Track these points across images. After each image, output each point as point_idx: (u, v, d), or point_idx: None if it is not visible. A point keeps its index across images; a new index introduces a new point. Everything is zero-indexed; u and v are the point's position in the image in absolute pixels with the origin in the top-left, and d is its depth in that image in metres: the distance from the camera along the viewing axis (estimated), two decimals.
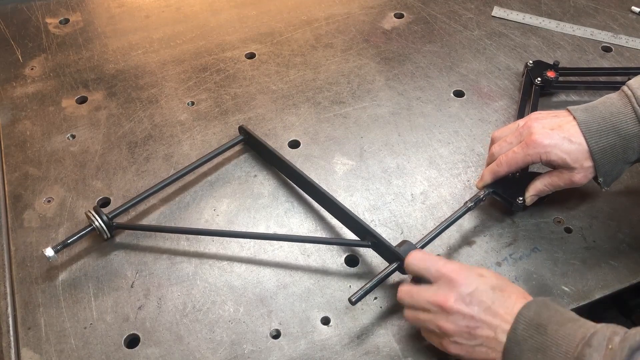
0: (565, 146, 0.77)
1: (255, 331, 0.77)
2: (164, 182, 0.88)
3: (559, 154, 0.78)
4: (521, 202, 0.84)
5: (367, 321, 0.78)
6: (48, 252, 0.79)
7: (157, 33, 1.15)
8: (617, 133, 0.76)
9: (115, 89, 1.05)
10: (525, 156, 0.79)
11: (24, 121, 1.00)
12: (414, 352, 0.75)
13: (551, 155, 0.78)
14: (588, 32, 1.14)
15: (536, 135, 0.78)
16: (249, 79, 1.07)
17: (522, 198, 0.84)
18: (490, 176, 0.84)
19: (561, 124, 0.79)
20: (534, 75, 1.01)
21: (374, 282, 0.76)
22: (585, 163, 0.78)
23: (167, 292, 0.81)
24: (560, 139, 0.78)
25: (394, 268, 0.77)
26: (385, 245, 0.79)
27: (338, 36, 1.14)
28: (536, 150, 0.78)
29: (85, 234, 0.83)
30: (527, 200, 0.84)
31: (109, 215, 0.83)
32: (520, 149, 0.80)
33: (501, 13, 1.18)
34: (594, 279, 0.82)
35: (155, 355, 0.75)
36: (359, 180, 0.93)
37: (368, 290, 0.76)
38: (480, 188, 0.85)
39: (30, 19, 1.18)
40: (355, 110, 1.02)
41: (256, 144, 0.95)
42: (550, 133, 0.78)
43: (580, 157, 0.78)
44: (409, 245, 0.78)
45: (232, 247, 0.85)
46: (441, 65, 1.09)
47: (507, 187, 0.85)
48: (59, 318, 0.78)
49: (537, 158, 0.79)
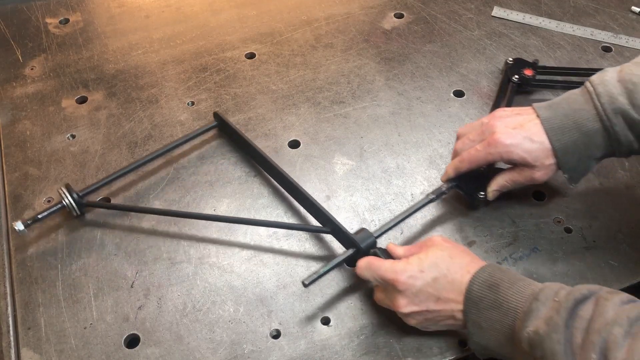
0: (526, 145, 0.78)
1: (255, 331, 0.77)
2: (138, 162, 0.91)
3: (519, 153, 0.78)
4: (482, 197, 0.85)
5: (367, 321, 0.78)
6: (18, 225, 0.81)
7: (157, 33, 1.15)
8: (579, 130, 0.76)
9: (115, 89, 1.05)
10: (486, 155, 0.80)
11: (24, 121, 1.00)
12: (414, 352, 0.75)
13: (512, 155, 0.79)
14: (588, 32, 1.14)
15: (498, 134, 0.79)
16: (249, 79, 1.07)
17: (483, 193, 0.85)
18: (452, 171, 0.85)
19: (523, 123, 0.79)
20: (512, 73, 1.02)
21: (329, 266, 0.77)
22: (546, 161, 0.79)
23: (167, 292, 0.81)
24: (522, 138, 0.78)
25: (349, 254, 0.79)
26: (343, 232, 0.81)
27: (338, 36, 1.14)
28: (497, 150, 0.79)
29: (56, 210, 0.85)
30: (489, 195, 0.85)
31: (79, 193, 0.85)
32: (482, 147, 0.80)
33: (501, 13, 1.18)
34: (594, 279, 0.82)
35: (155, 355, 0.75)
36: (359, 180, 0.93)
37: (322, 275, 0.77)
38: (443, 181, 0.87)
39: (30, 19, 1.18)
40: (355, 110, 1.02)
41: (230, 131, 0.96)
42: (512, 132, 0.79)
43: (541, 155, 0.78)
44: (366, 232, 0.80)
45: (233, 248, 0.85)
46: (441, 65, 1.09)
47: (470, 182, 0.86)
48: (59, 318, 0.78)
49: (499, 157, 0.80)
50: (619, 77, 0.76)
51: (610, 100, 0.74)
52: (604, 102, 0.75)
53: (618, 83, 0.75)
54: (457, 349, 0.76)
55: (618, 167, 0.94)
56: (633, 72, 0.74)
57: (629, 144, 0.76)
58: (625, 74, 0.75)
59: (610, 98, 0.75)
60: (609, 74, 0.77)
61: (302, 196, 0.86)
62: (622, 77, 0.75)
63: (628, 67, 0.76)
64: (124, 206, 0.90)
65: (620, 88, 0.74)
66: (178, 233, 0.87)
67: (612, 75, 0.76)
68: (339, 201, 0.90)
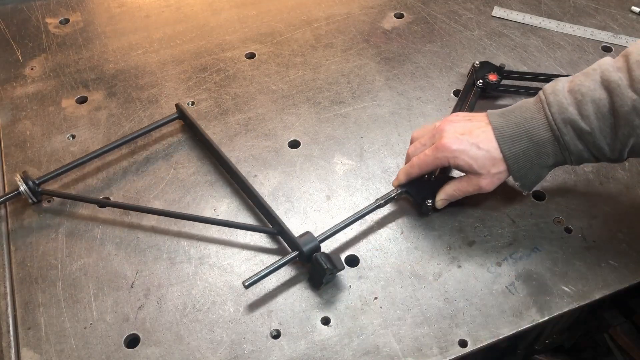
0: (472, 152, 0.78)
1: (255, 331, 0.77)
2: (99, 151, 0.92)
3: (465, 159, 0.79)
4: (430, 205, 0.85)
5: (367, 321, 0.78)
6: None
7: (157, 33, 1.15)
8: (529, 139, 0.77)
9: (115, 89, 1.05)
10: (434, 159, 0.81)
11: (24, 121, 1.00)
12: (414, 352, 0.76)
13: (458, 160, 0.79)
14: (588, 32, 1.14)
15: (445, 139, 0.80)
16: (249, 79, 1.07)
17: (431, 201, 0.86)
18: (404, 177, 0.86)
19: (472, 129, 0.80)
20: (477, 77, 1.01)
21: (271, 268, 0.78)
22: (492, 169, 0.79)
23: (167, 292, 0.81)
24: (469, 145, 0.79)
25: (292, 257, 0.80)
26: (287, 234, 0.81)
27: (338, 36, 1.14)
28: (444, 155, 0.80)
29: (12, 197, 0.87)
30: (437, 204, 0.86)
31: (35, 181, 0.87)
32: (431, 152, 0.81)
33: (501, 13, 1.18)
34: (594, 279, 0.82)
35: (155, 355, 0.75)
36: (359, 180, 0.93)
37: (262, 276, 0.78)
38: (395, 187, 0.87)
39: (30, 19, 1.18)
40: (355, 110, 1.02)
41: (189, 124, 0.97)
42: (460, 138, 0.79)
43: (487, 163, 0.79)
44: (310, 236, 0.80)
45: (233, 248, 0.85)
46: (441, 65, 1.09)
47: (420, 189, 0.87)
48: (59, 318, 0.78)
49: (446, 162, 0.80)
50: (569, 87, 0.76)
51: (560, 110, 0.75)
52: (554, 112, 0.75)
53: (568, 93, 0.75)
54: (457, 349, 0.76)
55: (618, 167, 0.94)
56: (582, 82, 0.74)
57: (579, 152, 0.76)
58: (575, 84, 0.75)
59: (560, 108, 0.75)
60: (561, 84, 0.77)
61: (251, 194, 0.87)
62: (572, 87, 0.75)
63: (578, 78, 0.76)
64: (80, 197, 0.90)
65: (570, 98, 0.75)
66: (178, 233, 0.87)
67: (564, 85, 0.77)
68: (339, 201, 0.90)
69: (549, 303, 0.80)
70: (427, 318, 0.78)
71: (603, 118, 0.73)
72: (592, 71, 0.75)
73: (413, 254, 0.84)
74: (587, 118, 0.74)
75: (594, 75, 0.74)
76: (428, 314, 0.79)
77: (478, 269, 0.83)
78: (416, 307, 0.79)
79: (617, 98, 0.71)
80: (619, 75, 0.72)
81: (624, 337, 0.97)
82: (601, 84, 0.73)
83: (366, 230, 0.87)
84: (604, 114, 0.73)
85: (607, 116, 0.73)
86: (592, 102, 0.73)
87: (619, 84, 0.71)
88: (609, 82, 0.72)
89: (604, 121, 0.73)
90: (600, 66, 0.75)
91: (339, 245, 0.86)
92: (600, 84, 0.73)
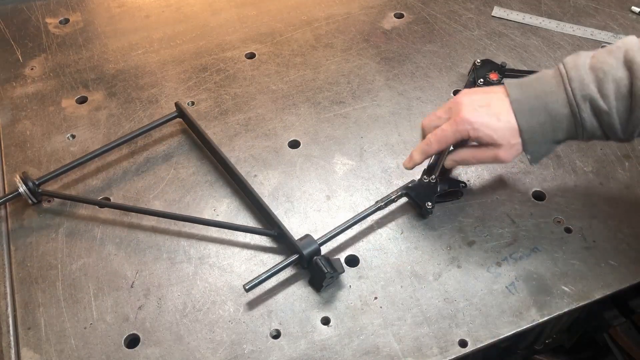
0: (493, 123, 0.77)
1: (255, 331, 0.77)
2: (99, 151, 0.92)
3: (486, 131, 0.78)
4: (430, 207, 0.85)
5: (367, 321, 0.78)
6: None
7: (157, 33, 1.15)
8: (547, 113, 0.76)
9: (115, 89, 1.05)
10: (454, 133, 0.79)
11: (24, 121, 1.00)
12: (414, 352, 0.75)
13: (479, 133, 0.78)
14: (588, 32, 1.14)
15: (464, 112, 0.78)
16: (249, 79, 1.07)
17: (431, 203, 0.85)
18: (420, 156, 0.83)
19: (490, 102, 0.79)
20: (478, 75, 1.01)
21: (271, 272, 0.78)
22: (512, 140, 0.78)
23: (167, 292, 0.81)
24: (488, 117, 0.77)
25: (292, 260, 0.79)
26: (287, 237, 0.81)
27: (338, 36, 1.14)
28: (464, 127, 0.78)
29: (12, 197, 0.87)
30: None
31: (35, 181, 0.87)
32: (449, 126, 0.80)
33: (501, 13, 1.18)
34: (594, 279, 0.82)
35: (155, 355, 0.75)
36: (359, 180, 0.93)
37: (263, 280, 0.78)
38: (410, 168, 0.85)
39: (30, 19, 1.18)
40: (355, 110, 1.02)
41: (189, 123, 0.97)
42: (479, 110, 0.78)
43: (508, 134, 0.77)
44: (309, 240, 0.80)
45: (233, 248, 0.85)
46: (441, 65, 1.09)
47: (420, 192, 0.87)
48: (59, 318, 0.78)
49: (466, 134, 0.79)
50: (591, 63, 0.75)
51: (581, 86, 0.74)
52: (574, 88, 0.74)
53: (589, 70, 0.74)
54: (457, 349, 0.76)
55: (618, 167, 0.94)
56: (605, 60, 0.73)
57: (593, 130, 0.76)
58: (597, 61, 0.74)
59: (581, 84, 0.74)
60: (582, 58, 0.76)
61: (251, 195, 0.87)
62: (594, 64, 0.74)
63: (601, 55, 0.75)
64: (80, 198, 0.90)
65: (592, 75, 0.74)
66: (178, 233, 0.87)
67: (585, 60, 0.75)
68: (339, 201, 0.90)
69: (549, 303, 0.79)
70: (427, 318, 0.78)
71: (622, 98, 0.72)
72: (616, 49, 0.74)
73: (413, 254, 0.84)
74: (607, 97, 0.73)
75: (618, 54, 0.73)
76: (428, 314, 0.79)
77: (478, 269, 0.83)
78: (416, 307, 0.79)
79: (637, 80, 0.70)
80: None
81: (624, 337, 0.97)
82: (624, 64, 0.72)
83: (366, 230, 0.87)
84: (623, 95, 0.72)
85: (625, 97, 0.72)
86: (613, 82, 0.72)
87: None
88: (632, 63, 0.71)
89: (622, 102, 0.72)
90: (625, 44, 0.73)
91: (339, 245, 0.86)
92: (623, 63, 0.72)
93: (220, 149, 0.92)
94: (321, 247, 0.81)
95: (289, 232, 0.82)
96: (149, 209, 0.88)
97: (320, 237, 0.82)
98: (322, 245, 0.81)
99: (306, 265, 0.81)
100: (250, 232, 0.86)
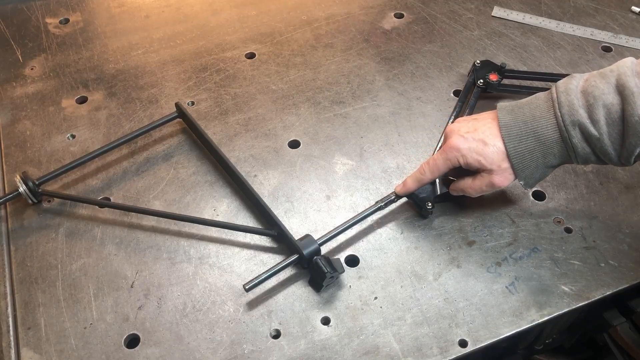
0: (479, 149, 0.78)
1: (255, 331, 0.77)
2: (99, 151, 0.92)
3: (474, 156, 0.79)
4: (430, 208, 0.86)
5: (367, 321, 0.78)
6: None
7: (157, 33, 1.15)
8: (536, 138, 0.76)
9: (115, 89, 1.05)
10: (445, 161, 0.81)
11: (24, 121, 1.00)
12: (414, 352, 0.75)
13: (468, 159, 0.79)
14: (588, 32, 1.14)
15: (452, 140, 0.80)
16: (249, 79, 1.07)
17: (431, 203, 0.86)
18: (414, 184, 0.85)
19: (477, 127, 0.80)
20: (478, 76, 1.01)
21: (271, 272, 0.78)
22: (502, 164, 0.78)
23: (167, 292, 0.81)
24: (475, 142, 0.79)
25: (292, 260, 0.80)
26: (287, 237, 0.81)
27: (338, 36, 1.14)
28: (453, 155, 0.80)
29: (12, 197, 0.87)
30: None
31: (35, 181, 0.87)
32: (439, 154, 0.82)
33: (501, 13, 1.18)
34: (594, 279, 0.82)
35: (155, 355, 0.75)
36: (359, 180, 0.93)
37: (263, 280, 0.78)
38: (402, 195, 0.87)
39: (30, 19, 1.18)
40: (355, 110, 1.02)
41: (189, 123, 0.97)
42: (466, 136, 0.79)
43: (496, 158, 0.78)
44: (309, 240, 0.80)
45: (233, 248, 0.85)
46: (441, 65, 1.09)
47: (420, 192, 0.87)
48: (59, 318, 0.78)
49: (456, 162, 0.80)
50: (583, 86, 0.74)
51: (570, 111, 0.73)
52: (564, 113, 0.74)
53: (581, 94, 0.73)
54: (457, 349, 0.76)
55: (618, 167, 0.94)
56: (597, 84, 0.72)
57: (586, 155, 0.75)
58: (589, 84, 0.73)
59: (570, 109, 0.73)
60: (574, 82, 0.75)
61: (251, 195, 0.87)
62: (586, 88, 0.73)
63: (593, 78, 0.74)
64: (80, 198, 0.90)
65: (582, 100, 0.73)
66: (178, 233, 0.87)
67: (577, 83, 0.75)
68: (339, 201, 0.90)
69: (549, 303, 0.80)
70: (427, 318, 0.78)
71: (613, 124, 0.71)
72: (609, 72, 0.73)
73: (413, 254, 0.84)
74: (597, 123, 0.72)
75: (610, 78, 0.72)
76: (428, 314, 0.79)
77: (478, 269, 0.83)
78: (416, 307, 0.79)
79: (628, 106, 0.69)
80: (635, 81, 0.70)
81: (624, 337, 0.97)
82: (616, 88, 0.71)
83: (366, 230, 0.87)
84: (614, 120, 0.71)
85: (617, 122, 0.71)
86: (603, 107, 0.71)
87: (633, 91, 0.69)
88: (624, 88, 0.70)
89: (614, 127, 0.71)
90: (619, 68, 0.72)
91: (339, 245, 0.86)
92: (614, 88, 0.71)
93: (220, 149, 0.92)
94: (321, 247, 0.81)
95: (289, 232, 0.82)
96: (149, 209, 0.88)
97: (320, 237, 0.82)
98: (322, 245, 0.81)
99: (306, 265, 0.81)
100: (250, 232, 0.86)
